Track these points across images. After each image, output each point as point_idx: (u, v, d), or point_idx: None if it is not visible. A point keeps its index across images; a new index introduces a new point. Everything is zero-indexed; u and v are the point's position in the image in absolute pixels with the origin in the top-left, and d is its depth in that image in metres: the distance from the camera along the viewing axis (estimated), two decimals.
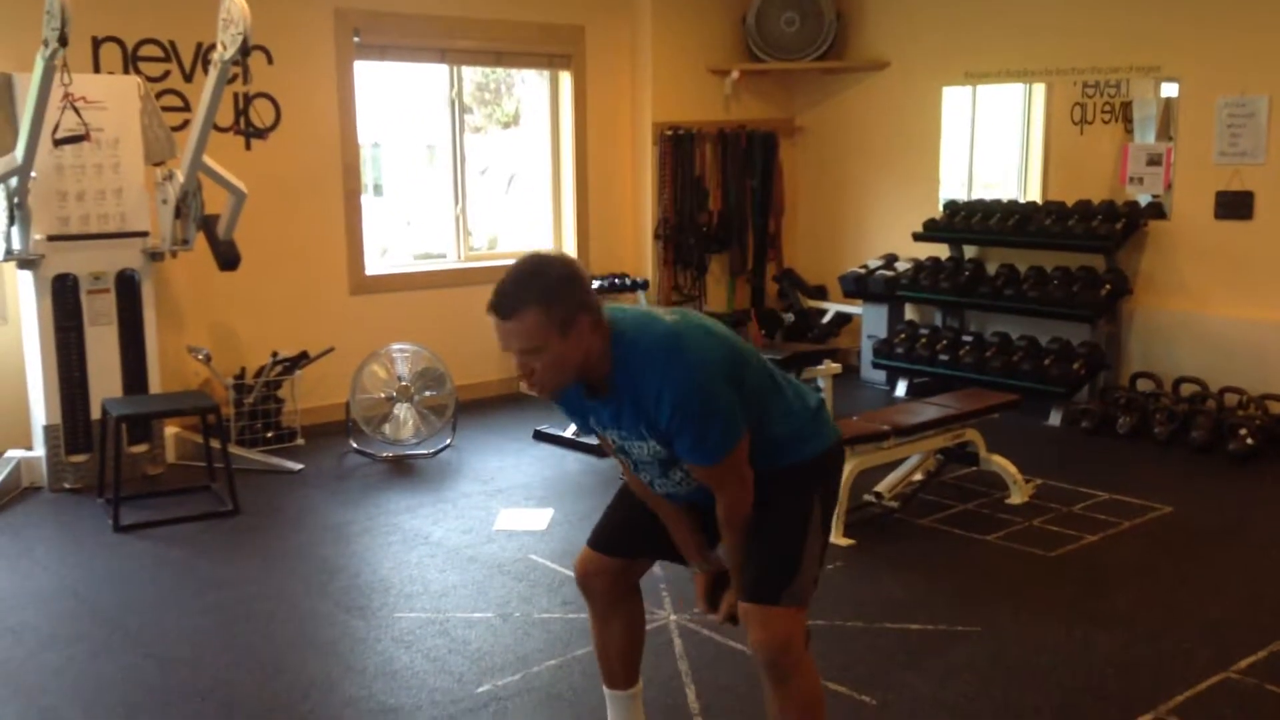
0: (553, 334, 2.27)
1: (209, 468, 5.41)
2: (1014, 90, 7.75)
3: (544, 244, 7.76)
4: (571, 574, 4.29)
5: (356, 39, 6.63)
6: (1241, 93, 6.25)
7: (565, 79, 7.60)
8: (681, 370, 2.33)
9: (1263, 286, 6.29)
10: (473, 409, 6.87)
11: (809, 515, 2.53)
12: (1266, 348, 6.23)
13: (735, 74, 7.91)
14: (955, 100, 7.72)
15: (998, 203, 7.37)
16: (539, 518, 5.04)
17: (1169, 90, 6.83)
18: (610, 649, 2.86)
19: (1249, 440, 5.78)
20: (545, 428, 6.35)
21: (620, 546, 2.78)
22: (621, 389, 2.39)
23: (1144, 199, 6.89)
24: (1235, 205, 6.34)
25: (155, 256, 5.60)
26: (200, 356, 6.01)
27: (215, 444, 5.30)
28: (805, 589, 2.52)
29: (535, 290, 2.26)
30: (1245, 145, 6.27)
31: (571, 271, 2.33)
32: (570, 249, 7.74)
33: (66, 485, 5.43)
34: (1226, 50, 6.32)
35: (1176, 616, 3.95)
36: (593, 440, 5.17)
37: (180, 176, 5.41)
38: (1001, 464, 5.25)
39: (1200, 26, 6.41)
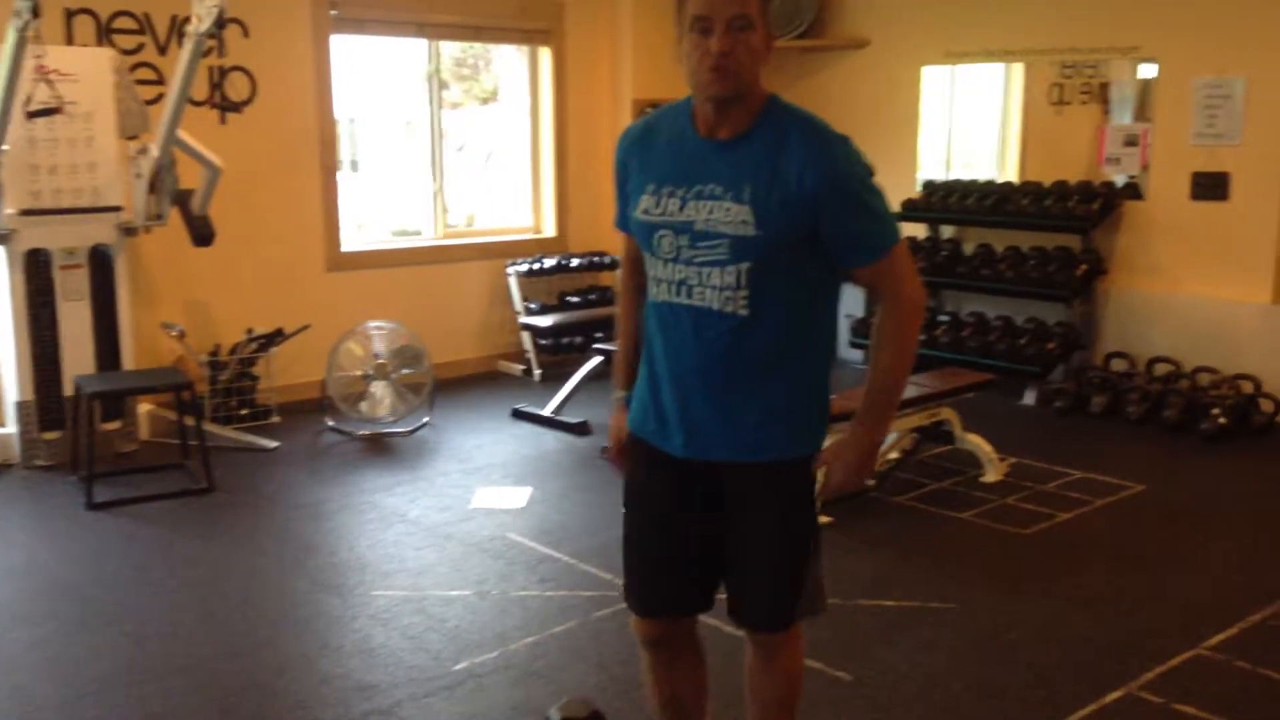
0: (761, 14, 2.10)
1: (183, 445, 5.38)
2: (993, 70, 7.77)
3: (523, 221, 7.74)
4: (550, 552, 4.33)
5: (333, 12, 6.56)
6: (1219, 74, 6.28)
7: (545, 55, 7.56)
8: (847, 154, 2.15)
9: (1237, 267, 6.32)
10: (450, 387, 6.85)
11: (815, 527, 2.40)
12: (1240, 328, 6.27)
13: None
14: (934, 80, 7.72)
15: (975, 183, 7.39)
16: (517, 496, 5.04)
17: (1147, 71, 6.85)
18: (684, 694, 2.64)
19: (1221, 420, 5.83)
20: (523, 406, 6.34)
21: (667, 605, 2.51)
22: (758, 138, 2.14)
23: (1120, 179, 6.91)
24: (1211, 186, 6.37)
25: (129, 232, 5.55)
26: (174, 333, 5.96)
27: (189, 421, 5.27)
28: (817, 595, 2.43)
29: None
30: (1222, 127, 6.29)
31: None
32: (549, 227, 7.71)
33: (39, 462, 5.38)
34: (1204, 32, 6.34)
35: (1148, 594, 4.00)
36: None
37: (154, 151, 5.37)
38: (976, 442, 5.28)
39: (1179, 8, 6.41)
